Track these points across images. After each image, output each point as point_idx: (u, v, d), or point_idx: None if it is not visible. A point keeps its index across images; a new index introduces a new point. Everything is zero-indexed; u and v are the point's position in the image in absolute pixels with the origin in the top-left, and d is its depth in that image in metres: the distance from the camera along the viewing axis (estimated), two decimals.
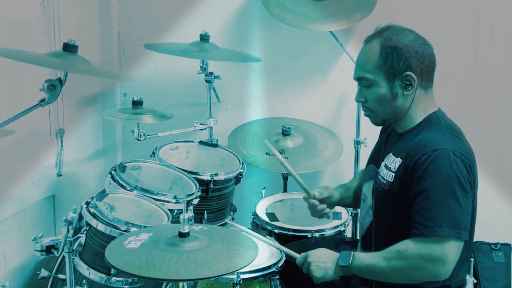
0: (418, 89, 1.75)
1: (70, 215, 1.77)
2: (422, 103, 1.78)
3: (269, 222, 2.32)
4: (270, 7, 2.68)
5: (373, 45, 1.77)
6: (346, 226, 2.36)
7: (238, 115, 2.98)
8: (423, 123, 1.77)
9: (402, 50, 1.72)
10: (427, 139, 1.70)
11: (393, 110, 1.79)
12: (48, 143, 2.74)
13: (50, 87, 1.79)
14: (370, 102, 1.81)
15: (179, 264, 1.40)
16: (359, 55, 1.83)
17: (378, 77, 1.76)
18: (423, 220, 1.62)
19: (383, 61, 1.74)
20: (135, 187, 2.14)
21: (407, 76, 1.73)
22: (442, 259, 1.60)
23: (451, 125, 1.77)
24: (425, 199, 1.63)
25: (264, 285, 1.91)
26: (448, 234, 1.59)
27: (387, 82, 1.75)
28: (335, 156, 2.77)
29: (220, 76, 2.78)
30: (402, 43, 1.73)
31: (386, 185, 1.76)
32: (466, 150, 1.69)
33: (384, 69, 1.74)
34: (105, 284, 1.92)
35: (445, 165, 1.62)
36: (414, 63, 1.73)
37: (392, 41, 1.74)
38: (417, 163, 1.66)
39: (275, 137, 2.78)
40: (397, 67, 1.73)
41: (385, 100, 1.77)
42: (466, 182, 1.64)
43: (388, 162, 1.78)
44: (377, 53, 1.75)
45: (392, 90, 1.76)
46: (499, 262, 2.82)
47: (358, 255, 1.73)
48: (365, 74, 1.78)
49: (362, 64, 1.80)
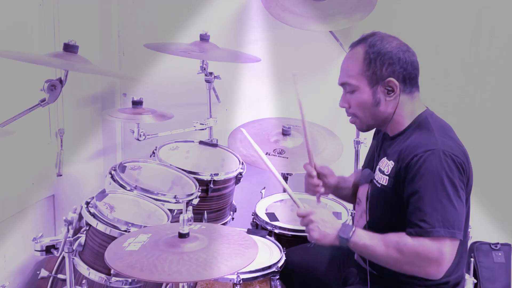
0: (401, 95, 1.76)
1: (70, 215, 1.77)
2: (408, 107, 1.78)
3: (269, 222, 2.32)
4: (270, 7, 2.68)
5: (357, 51, 1.78)
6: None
7: (238, 115, 2.98)
8: (412, 125, 1.78)
9: (385, 57, 1.73)
10: (417, 140, 1.70)
11: (376, 116, 1.80)
12: (48, 143, 2.74)
13: (51, 87, 1.79)
14: (353, 107, 1.82)
15: (180, 265, 1.40)
16: (344, 60, 1.84)
17: (360, 82, 1.77)
18: (417, 221, 1.63)
19: (366, 67, 1.75)
20: (135, 187, 2.14)
21: (389, 82, 1.74)
22: (438, 260, 1.61)
23: (440, 124, 1.78)
24: (418, 200, 1.64)
25: (264, 285, 1.91)
26: (442, 234, 1.60)
27: (369, 88, 1.76)
28: (335, 156, 2.76)
29: (220, 76, 2.78)
30: (385, 50, 1.74)
31: (381, 188, 1.77)
32: (456, 149, 1.69)
33: (367, 75, 1.76)
34: (105, 284, 1.92)
35: (436, 166, 1.63)
36: (396, 70, 1.74)
37: (375, 47, 1.75)
38: (408, 164, 1.67)
39: (275, 137, 2.78)
40: (380, 73, 1.74)
41: (368, 105, 1.78)
42: (458, 181, 1.64)
43: (381, 166, 1.79)
44: (361, 59, 1.76)
45: (374, 95, 1.77)
46: (499, 262, 2.82)
47: (358, 231, 1.73)
48: (348, 79, 1.80)
49: (346, 70, 1.82)
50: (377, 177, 1.80)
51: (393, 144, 1.80)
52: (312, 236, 1.76)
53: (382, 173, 1.77)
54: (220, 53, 2.67)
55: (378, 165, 1.82)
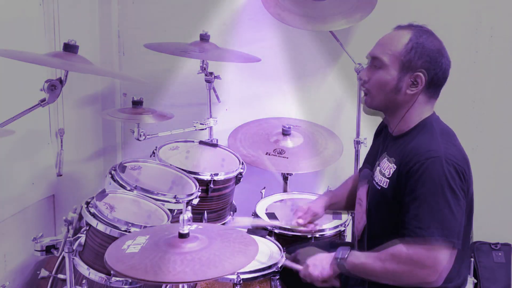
0: (421, 94, 1.75)
1: (70, 215, 1.76)
2: (419, 108, 1.78)
3: (269, 222, 2.32)
4: (270, 7, 2.68)
5: (403, 33, 1.76)
6: (346, 226, 2.36)
7: (238, 115, 2.98)
8: (417, 128, 1.77)
9: (427, 51, 1.73)
10: (420, 146, 1.70)
11: (389, 101, 1.78)
12: (48, 143, 2.74)
13: (51, 87, 1.79)
14: (372, 83, 1.80)
15: (184, 265, 1.40)
16: (385, 36, 1.81)
17: (392, 63, 1.75)
18: (416, 228, 1.62)
19: (406, 52, 1.73)
20: (135, 187, 2.14)
21: (418, 75, 1.73)
22: (434, 267, 1.61)
23: (444, 130, 1.78)
24: (418, 207, 1.63)
25: (264, 285, 1.91)
26: (440, 243, 1.60)
27: (398, 72, 1.74)
28: (335, 156, 2.76)
29: (220, 76, 2.77)
30: (429, 45, 1.73)
31: (381, 191, 1.77)
32: (459, 156, 1.69)
33: (402, 60, 1.73)
34: (105, 284, 1.92)
35: (437, 173, 1.63)
36: (430, 68, 1.73)
37: (421, 38, 1.74)
38: (410, 170, 1.66)
39: (275, 137, 2.78)
40: (415, 63, 1.73)
41: (387, 88, 1.76)
42: (459, 190, 1.64)
43: (382, 167, 1.79)
44: (404, 42, 1.74)
45: (398, 82, 1.75)
46: (499, 262, 2.82)
47: (354, 252, 1.76)
48: (382, 55, 1.77)
49: (383, 45, 1.79)
50: (377, 179, 1.80)
51: (396, 145, 1.79)
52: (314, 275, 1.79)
53: (383, 176, 1.76)
54: (220, 53, 2.67)
55: (379, 165, 1.81)
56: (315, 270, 1.79)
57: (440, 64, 1.74)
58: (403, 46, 1.74)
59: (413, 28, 1.77)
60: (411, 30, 1.76)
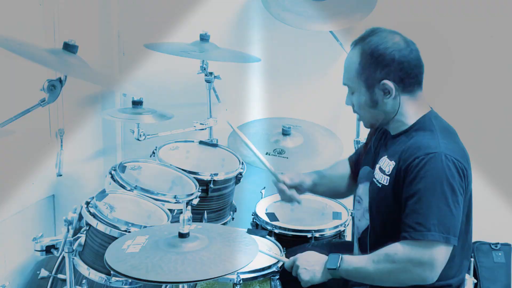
0: (401, 94, 1.75)
1: (70, 215, 1.76)
2: (410, 106, 1.77)
3: (269, 222, 2.32)
4: (270, 7, 2.68)
5: (354, 52, 1.78)
6: (346, 226, 2.36)
7: (238, 115, 2.98)
8: (416, 125, 1.77)
9: (379, 59, 1.72)
10: (419, 142, 1.70)
11: (377, 116, 1.80)
12: (48, 143, 2.74)
13: (50, 87, 1.79)
14: (355, 107, 1.83)
15: (185, 265, 1.40)
16: (345, 60, 1.84)
17: (358, 84, 1.77)
18: (413, 224, 1.62)
19: (361, 70, 1.75)
20: (135, 187, 2.14)
21: (384, 84, 1.73)
22: (430, 263, 1.61)
23: (444, 127, 1.77)
24: (416, 202, 1.63)
25: (264, 285, 1.91)
26: (437, 239, 1.60)
27: (366, 89, 1.76)
28: (335, 156, 2.76)
29: (220, 76, 2.77)
30: (379, 52, 1.72)
31: (382, 188, 1.77)
32: (459, 153, 1.69)
33: (363, 78, 1.75)
34: (105, 284, 1.92)
35: (437, 169, 1.63)
36: (392, 71, 1.72)
37: (370, 50, 1.73)
38: (409, 166, 1.66)
39: (275, 137, 2.78)
40: (374, 76, 1.73)
41: (367, 106, 1.79)
42: (457, 187, 1.64)
43: (382, 165, 1.79)
44: (357, 61, 1.76)
45: (372, 97, 1.76)
46: (499, 262, 2.82)
47: (346, 258, 1.74)
48: (348, 81, 1.81)
49: (346, 71, 1.82)
50: (377, 176, 1.80)
51: (395, 143, 1.79)
52: (303, 280, 1.78)
53: (383, 173, 1.76)
54: (220, 53, 2.67)
55: (379, 163, 1.81)
56: (306, 275, 1.78)
57: (401, 60, 1.71)
58: (357, 65, 1.75)
59: (361, 40, 1.77)
60: (359, 45, 1.77)
